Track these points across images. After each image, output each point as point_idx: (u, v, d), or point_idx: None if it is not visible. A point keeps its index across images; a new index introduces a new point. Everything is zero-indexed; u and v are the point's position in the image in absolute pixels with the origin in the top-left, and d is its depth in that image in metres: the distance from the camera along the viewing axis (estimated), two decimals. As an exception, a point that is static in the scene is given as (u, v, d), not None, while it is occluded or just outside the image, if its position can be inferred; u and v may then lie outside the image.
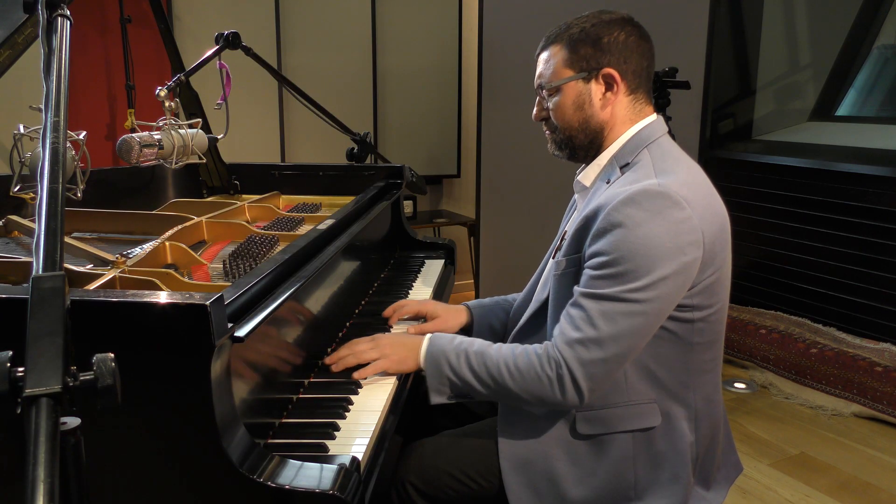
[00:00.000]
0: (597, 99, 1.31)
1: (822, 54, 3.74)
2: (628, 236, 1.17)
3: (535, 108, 1.40)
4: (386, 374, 1.35)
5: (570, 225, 1.35)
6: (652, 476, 1.29)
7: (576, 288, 1.24)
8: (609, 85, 1.31)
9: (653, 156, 1.28)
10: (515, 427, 1.33)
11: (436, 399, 1.31)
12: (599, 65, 1.30)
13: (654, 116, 1.35)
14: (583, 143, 1.35)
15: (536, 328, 1.41)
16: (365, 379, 1.34)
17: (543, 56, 1.36)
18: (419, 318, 1.65)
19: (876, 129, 3.45)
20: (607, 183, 1.30)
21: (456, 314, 1.62)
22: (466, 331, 1.63)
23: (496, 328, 1.64)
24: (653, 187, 1.19)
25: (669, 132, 1.38)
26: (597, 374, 1.19)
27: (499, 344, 1.31)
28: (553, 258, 1.38)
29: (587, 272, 1.22)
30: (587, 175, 1.38)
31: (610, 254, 1.18)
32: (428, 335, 1.36)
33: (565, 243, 1.32)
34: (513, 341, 1.44)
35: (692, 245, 1.19)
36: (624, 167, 1.30)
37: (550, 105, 1.35)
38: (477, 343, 1.31)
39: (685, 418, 1.29)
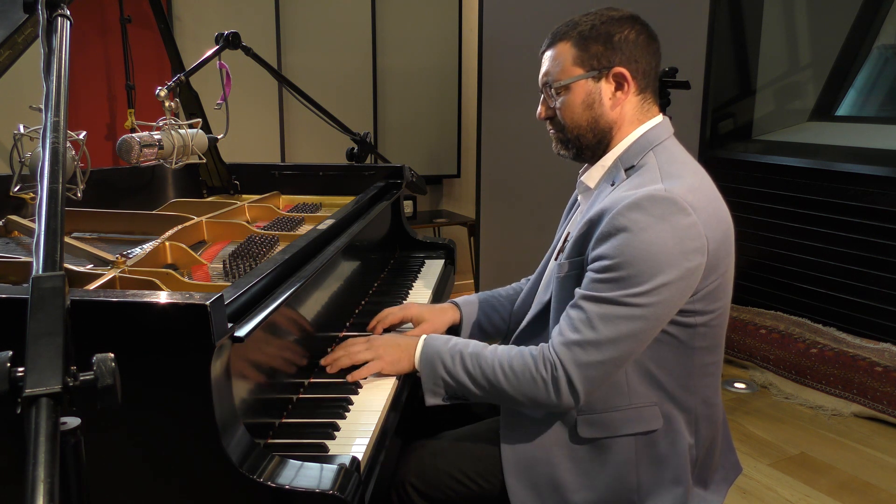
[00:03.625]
0: (607, 98, 1.29)
1: (822, 54, 3.74)
2: (632, 241, 1.16)
3: (539, 107, 1.37)
4: (381, 374, 1.34)
5: (572, 227, 1.34)
6: (654, 479, 1.28)
7: (577, 290, 1.23)
8: (619, 84, 1.29)
9: (659, 159, 1.26)
10: (518, 430, 1.33)
11: (431, 400, 1.30)
12: (611, 63, 1.28)
13: (660, 118, 1.33)
14: (590, 143, 1.33)
15: (539, 331, 1.39)
16: (365, 379, 1.34)
17: (550, 53, 1.33)
18: (405, 323, 1.59)
19: (876, 129, 3.45)
20: (612, 185, 1.29)
21: (442, 314, 1.59)
22: (455, 329, 1.61)
23: (484, 326, 1.62)
24: (659, 192, 1.17)
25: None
26: (593, 377, 1.19)
27: (494, 345, 1.30)
28: (555, 260, 1.37)
29: (589, 275, 1.21)
30: (591, 176, 1.36)
31: (613, 258, 1.17)
32: (423, 336, 1.35)
33: (568, 246, 1.31)
34: (515, 343, 1.43)
35: (696, 251, 1.18)
36: (629, 170, 1.28)
37: (558, 104, 1.32)
38: (472, 344, 1.30)
39: (685, 421, 1.29)
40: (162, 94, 1.83)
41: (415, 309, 1.58)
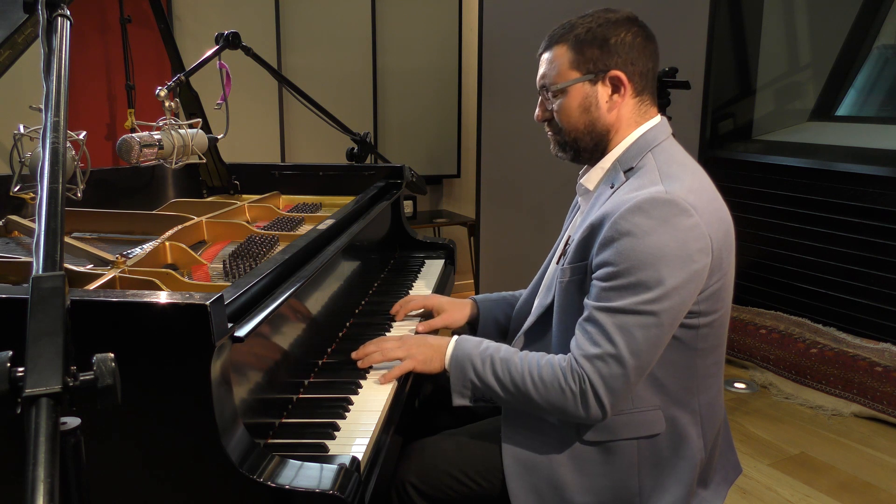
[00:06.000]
0: (603, 102, 1.29)
1: (822, 54, 3.74)
2: (637, 246, 1.15)
3: (537, 109, 1.37)
4: (414, 371, 1.36)
5: (574, 231, 1.33)
6: (656, 482, 1.28)
7: (587, 301, 1.22)
8: (616, 87, 1.28)
9: (658, 160, 1.26)
10: (519, 431, 1.32)
11: (458, 401, 1.31)
12: (607, 67, 1.27)
13: (658, 118, 1.33)
14: (588, 146, 1.33)
15: (541, 334, 1.39)
16: (365, 379, 1.34)
17: (547, 56, 1.33)
18: (426, 313, 1.67)
19: (876, 129, 3.45)
20: (611, 188, 1.28)
21: (461, 308, 1.63)
22: (472, 324, 1.64)
23: (501, 322, 1.64)
24: (660, 195, 1.17)
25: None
26: (618, 389, 1.18)
27: (524, 352, 1.30)
28: (557, 264, 1.36)
29: (597, 283, 1.20)
30: (590, 178, 1.36)
31: (619, 264, 1.16)
32: (455, 337, 1.36)
33: (570, 250, 1.30)
34: (517, 346, 1.43)
35: (701, 252, 1.17)
36: (628, 171, 1.28)
37: (555, 107, 1.32)
38: (503, 349, 1.31)
39: (690, 423, 1.29)
40: (162, 94, 1.83)
41: (436, 300, 1.66)
